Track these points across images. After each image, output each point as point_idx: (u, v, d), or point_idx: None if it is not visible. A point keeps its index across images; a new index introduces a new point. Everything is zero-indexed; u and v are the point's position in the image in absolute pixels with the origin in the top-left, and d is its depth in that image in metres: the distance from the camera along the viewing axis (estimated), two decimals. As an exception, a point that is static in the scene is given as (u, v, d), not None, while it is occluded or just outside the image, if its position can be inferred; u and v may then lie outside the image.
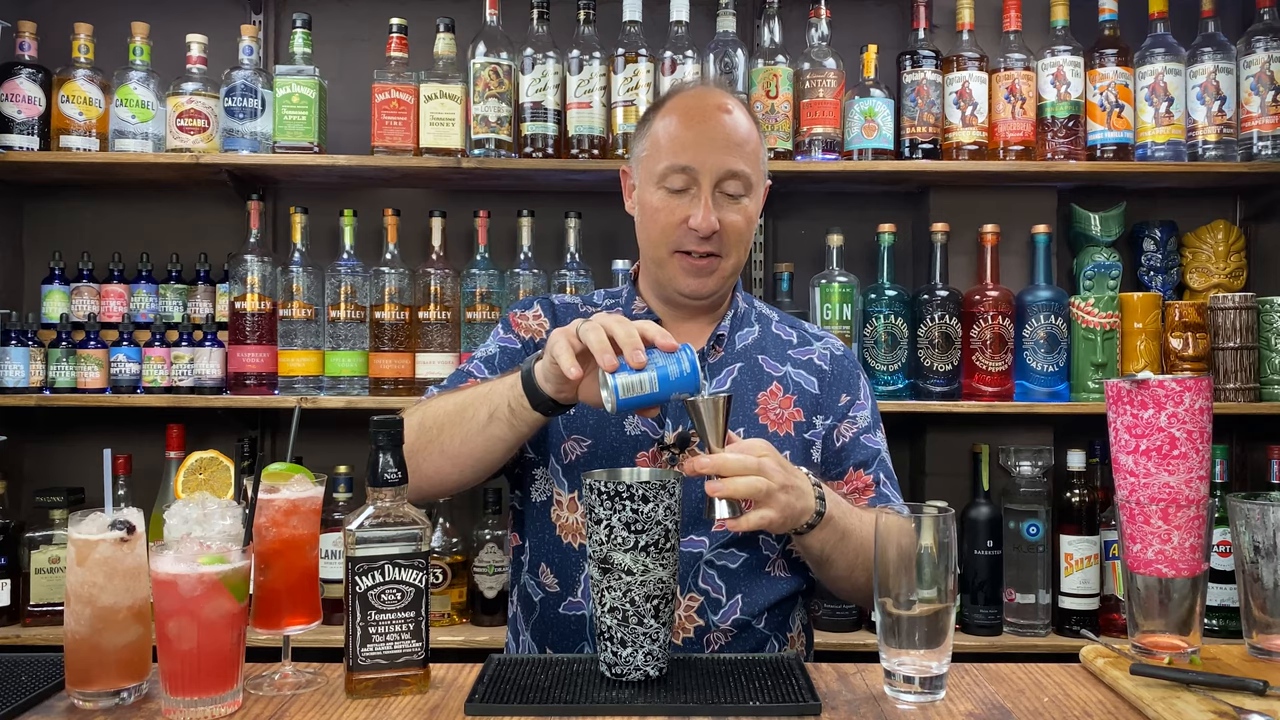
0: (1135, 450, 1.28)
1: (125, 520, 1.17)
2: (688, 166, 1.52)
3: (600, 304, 1.70)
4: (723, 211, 1.53)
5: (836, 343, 1.70)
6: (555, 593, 1.53)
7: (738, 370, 1.61)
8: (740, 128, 1.56)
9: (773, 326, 1.68)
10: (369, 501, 1.22)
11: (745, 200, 1.55)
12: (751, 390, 1.59)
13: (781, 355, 1.64)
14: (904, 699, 1.18)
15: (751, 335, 1.65)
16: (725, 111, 1.56)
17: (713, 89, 1.63)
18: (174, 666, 1.12)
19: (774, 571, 1.55)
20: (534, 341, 1.64)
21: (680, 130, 1.55)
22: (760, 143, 1.59)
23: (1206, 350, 2.50)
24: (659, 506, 1.19)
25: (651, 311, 1.64)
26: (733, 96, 1.60)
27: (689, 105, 1.57)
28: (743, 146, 1.55)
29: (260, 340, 2.49)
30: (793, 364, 1.64)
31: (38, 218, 2.78)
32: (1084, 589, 2.41)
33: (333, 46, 2.74)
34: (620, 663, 1.22)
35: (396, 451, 1.23)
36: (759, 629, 1.53)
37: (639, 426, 1.55)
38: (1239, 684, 1.16)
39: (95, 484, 2.26)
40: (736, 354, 1.62)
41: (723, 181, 1.53)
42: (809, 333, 1.70)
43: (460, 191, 2.75)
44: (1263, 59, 2.49)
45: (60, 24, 2.64)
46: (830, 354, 1.67)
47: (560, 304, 1.70)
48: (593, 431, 1.55)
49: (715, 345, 1.61)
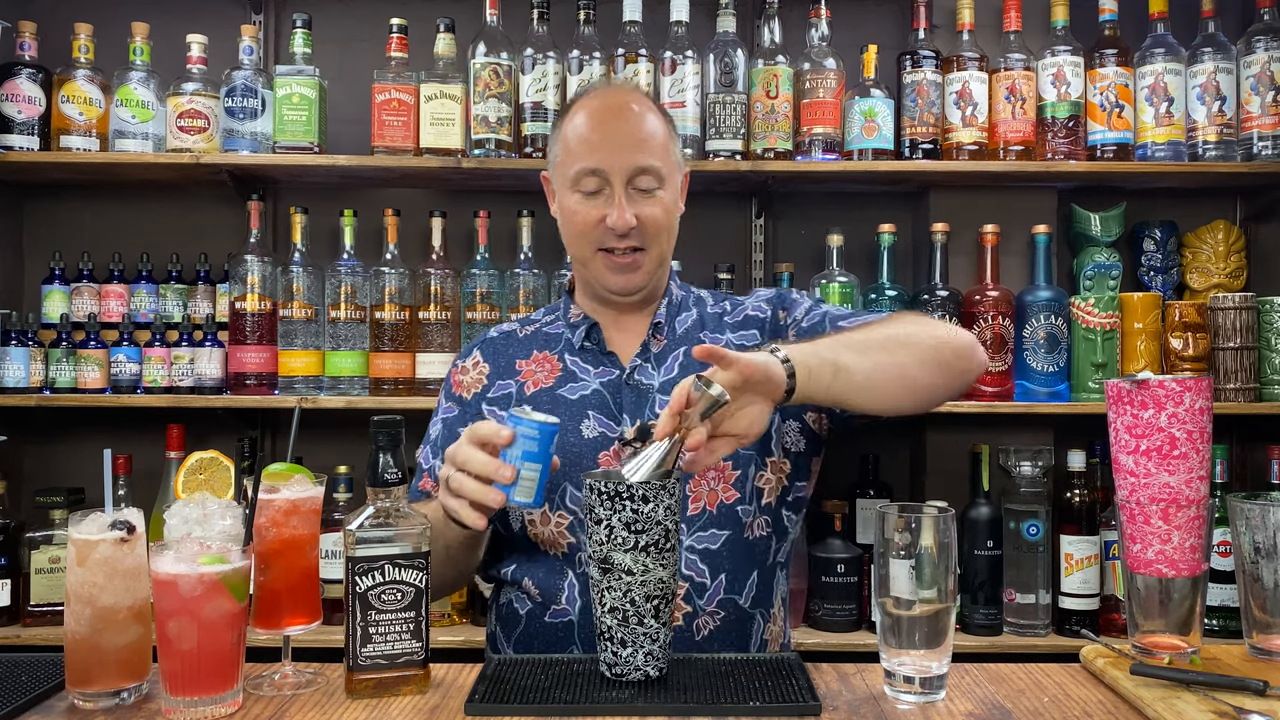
0: (1135, 450, 1.28)
1: (125, 520, 1.17)
2: (597, 169, 1.55)
3: (539, 319, 1.72)
4: (638, 206, 1.55)
5: (766, 291, 1.73)
6: (539, 603, 1.53)
7: (683, 354, 1.62)
8: (645, 123, 1.58)
9: (709, 307, 1.71)
10: (369, 501, 1.22)
11: (660, 192, 1.57)
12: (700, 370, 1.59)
13: (719, 326, 1.66)
14: (904, 699, 1.18)
15: (690, 318, 1.67)
16: (628, 109, 1.58)
17: (616, 88, 1.68)
18: (174, 666, 1.12)
19: (753, 534, 1.55)
20: (477, 397, 1.65)
21: (587, 133, 1.57)
22: (670, 134, 1.62)
23: (1206, 350, 2.50)
24: (659, 506, 1.19)
25: (588, 317, 1.65)
26: (636, 93, 1.65)
27: (593, 107, 1.59)
28: (649, 141, 1.57)
29: (260, 340, 2.49)
30: (731, 329, 1.66)
31: (38, 218, 2.78)
32: (1084, 589, 2.41)
33: (333, 46, 2.74)
34: (620, 663, 1.22)
35: (396, 451, 1.23)
36: (744, 606, 1.53)
37: (595, 428, 1.56)
38: (1239, 684, 1.16)
39: (95, 484, 2.26)
40: (679, 339, 1.64)
41: (634, 178, 1.55)
42: (740, 300, 1.73)
43: (460, 191, 2.75)
44: (1263, 59, 2.49)
45: (60, 24, 2.64)
46: (762, 300, 1.69)
47: (499, 335, 1.72)
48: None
49: (655, 335, 1.63)
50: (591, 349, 1.63)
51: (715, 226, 2.78)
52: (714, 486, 1.53)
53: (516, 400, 1.61)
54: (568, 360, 1.63)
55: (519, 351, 1.67)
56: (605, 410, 1.57)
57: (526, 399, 1.60)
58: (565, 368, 1.62)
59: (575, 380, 1.60)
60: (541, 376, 1.62)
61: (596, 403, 1.57)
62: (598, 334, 1.63)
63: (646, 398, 1.57)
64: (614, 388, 1.59)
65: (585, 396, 1.58)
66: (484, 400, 1.64)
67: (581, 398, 1.58)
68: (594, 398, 1.58)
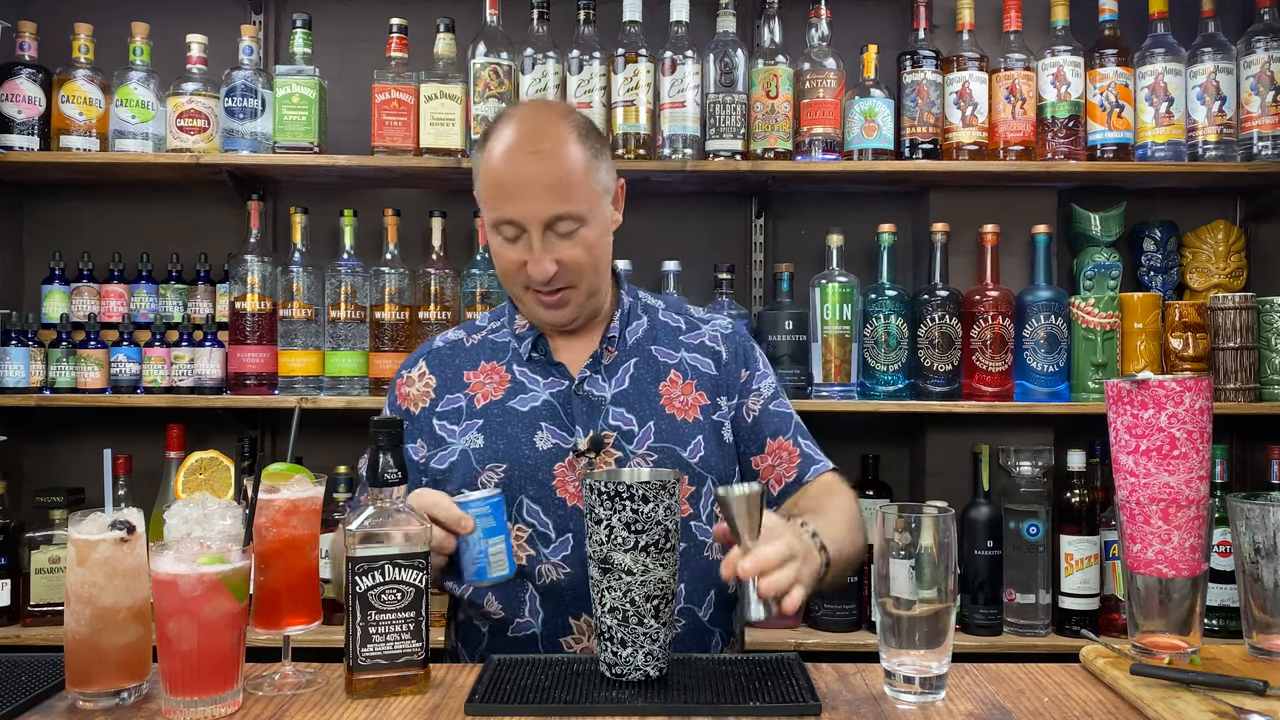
0: (1135, 450, 1.28)
1: (125, 520, 1.17)
2: (512, 219, 1.51)
3: (484, 326, 1.70)
4: (558, 250, 1.51)
5: (723, 322, 1.72)
6: (501, 619, 1.53)
7: (633, 365, 1.61)
8: (559, 163, 1.50)
9: (660, 315, 1.70)
10: (369, 501, 1.22)
11: (581, 231, 1.52)
12: (651, 382, 1.60)
13: (673, 342, 1.66)
14: (904, 699, 1.18)
15: (641, 328, 1.66)
16: (540, 149, 1.50)
17: (530, 113, 1.59)
18: (174, 666, 1.12)
19: (712, 554, 1.56)
20: (425, 411, 1.62)
21: (500, 179, 1.51)
22: (592, 161, 1.53)
23: (1206, 350, 2.49)
24: (659, 506, 1.19)
25: (533, 328, 1.63)
26: (552, 121, 1.54)
27: (503, 150, 1.51)
28: (563, 183, 1.49)
29: (260, 340, 2.49)
30: (686, 349, 1.65)
31: (38, 218, 2.78)
32: (1084, 589, 2.41)
33: (333, 46, 2.74)
34: (620, 663, 1.22)
35: (396, 451, 1.23)
36: (702, 620, 1.54)
37: (549, 440, 1.55)
38: (1239, 684, 1.16)
39: (95, 484, 2.26)
40: (630, 350, 1.63)
41: (551, 224, 1.50)
42: (695, 317, 1.72)
43: (460, 191, 2.75)
44: (1263, 59, 2.49)
45: (60, 24, 2.64)
46: (720, 334, 1.68)
47: (445, 345, 1.69)
48: (505, 455, 1.55)
49: (608, 347, 1.62)
50: (539, 360, 1.61)
51: (715, 226, 2.78)
52: None
53: (467, 413, 1.59)
54: (516, 371, 1.61)
55: (466, 362, 1.65)
56: (557, 421, 1.56)
57: (477, 412, 1.59)
58: (514, 379, 1.61)
59: (525, 391, 1.59)
60: (490, 389, 1.61)
61: (548, 414, 1.57)
62: (544, 345, 1.62)
63: (599, 409, 1.57)
64: (564, 398, 1.58)
65: (536, 408, 1.58)
66: (434, 415, 1.62)
67: (532, 409, 1.58)
68: (545, 409, 1.57)
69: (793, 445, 1.63)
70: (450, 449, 1.58)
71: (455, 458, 1.57)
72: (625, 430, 1.55)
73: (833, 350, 2.48)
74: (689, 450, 1.56)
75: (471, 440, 1.57)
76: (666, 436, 1.56)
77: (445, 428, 1.60)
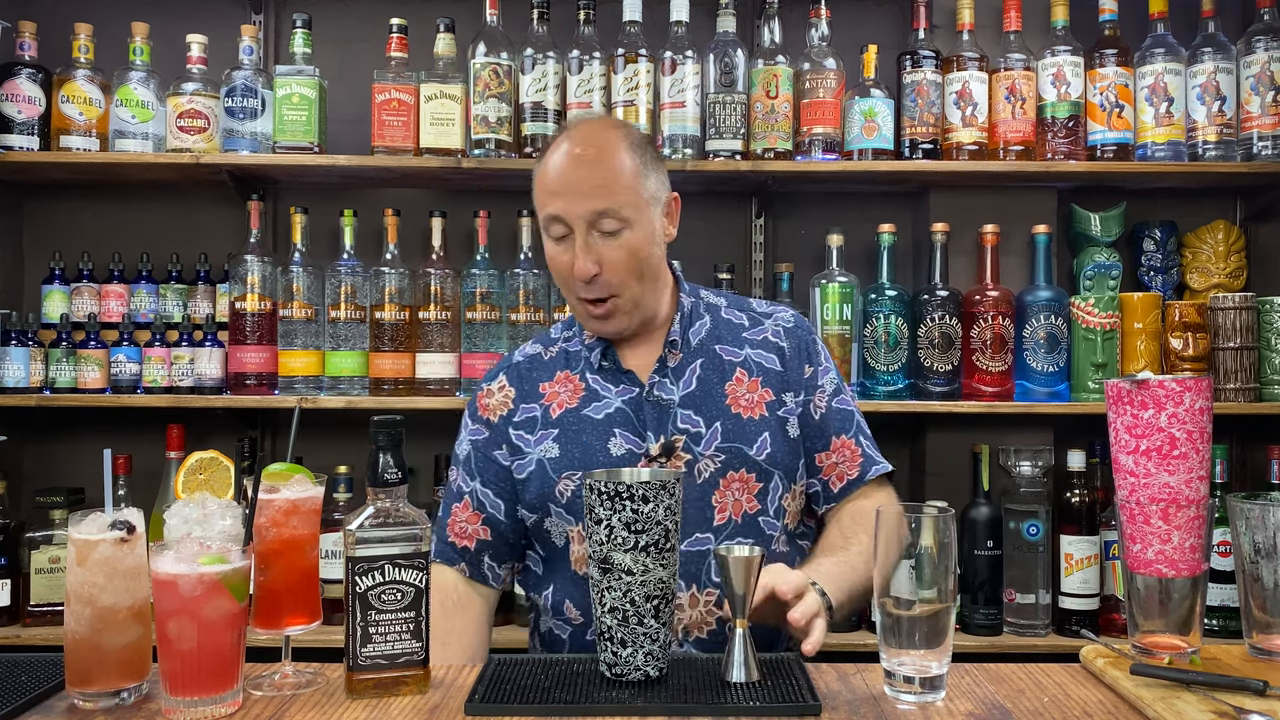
0: (1135, 450, 1.28)
1: (125, 520, 1.17)
2: (559, 216, 1.55)
3: (558, 337, 1.73)
4: (600, 251, 1.55)
5: (785, 315, 1.73)
6: (580, 624, 1.58)
7: (699, 366, 1.64)
8: (608, 164, 1.55)
9: (722, 313, 1.71)
10: (369, 501, 1.22)
11: (625, 233, 1.55)
12: (717, 382, 1.63)
13: (737, 340, 1.67)
14: (904, 699, 1.18)
15: (705, 328, 1.68)
16: (591, 151, 1.56)
17: (588, 127, 1.65)
18: (174, 666, 1.12)
19: (778, 548, 1.60)
20: (503, 420, 1.67)
21: (549, 180, 1.57)
22: (643, 169, 1.58)
23: (1206, 350, 2.49)
24: (659, 506, 1.19)
25: (601, 338, 1.66)
26: (608, 130, 1.62)
27: (560, 151, 1.58)
28: (611, 184, 1.54)
29: (260, 340, 2.49)
30: (750, 345, 1.67)
31: (38, 218, 2.78)
32: (1084, 589, 2.41)
33: (333, 46, 2.74)
34: (620, 663, 1.22)
35: (396, 451, 1.23)
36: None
37: (623, 446, 1.58)
38: (1239, 684, 1.16)
39: (95, 484, 2.26)
40: (694, 351, 1.65)
41: (595, 223, 1.54)
42: (757, 312, 1.73)
43: (460, 191, 2.75)
44: (1263, 59, 2.49)
45: (60, 24, 2.64)
46: (783, 328, 1.70)
47: (524, 360, 1.73)
48: (580, 463, 1.59)
49: (671, 350, 1.64)
50: (609, 368, 1.65)
51: (715, 226, 2.78)
52: (738, 497, 1.58)
53: (542, 423, 1.63)
54: (589, 379, 1.65)
55: (543, 374, 1.69)
56: (630, 427, 1.60)
57: (552, 421, 1.63)
58: (588, 387, 1.65)
59: (598, 399, 1.63)
60: (565, 397, 1.65)
61: (621, 420, 1.60)
62: (613, 353, 1.65)
63: (668, 413, 1.60)
64: (636, 405, 1.61)
65: (610, 415, 1.61)
66: (510, 425, 1.65)
67: (606, 416, 1.61)
68: (618, 415, 1.61)
69: (855, 444, 1.68)
70: (528, 459, 1.63)
71: (533, 467, 1.62)
72: (693, 433, 1.59)
73: (833, 350, 2.48)
74: (755, 448, 1.59)
75: (547, 450, 1.61)
76: (733, 436, 1.59)
77: (522, 437, 1.64)
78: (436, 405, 2.42)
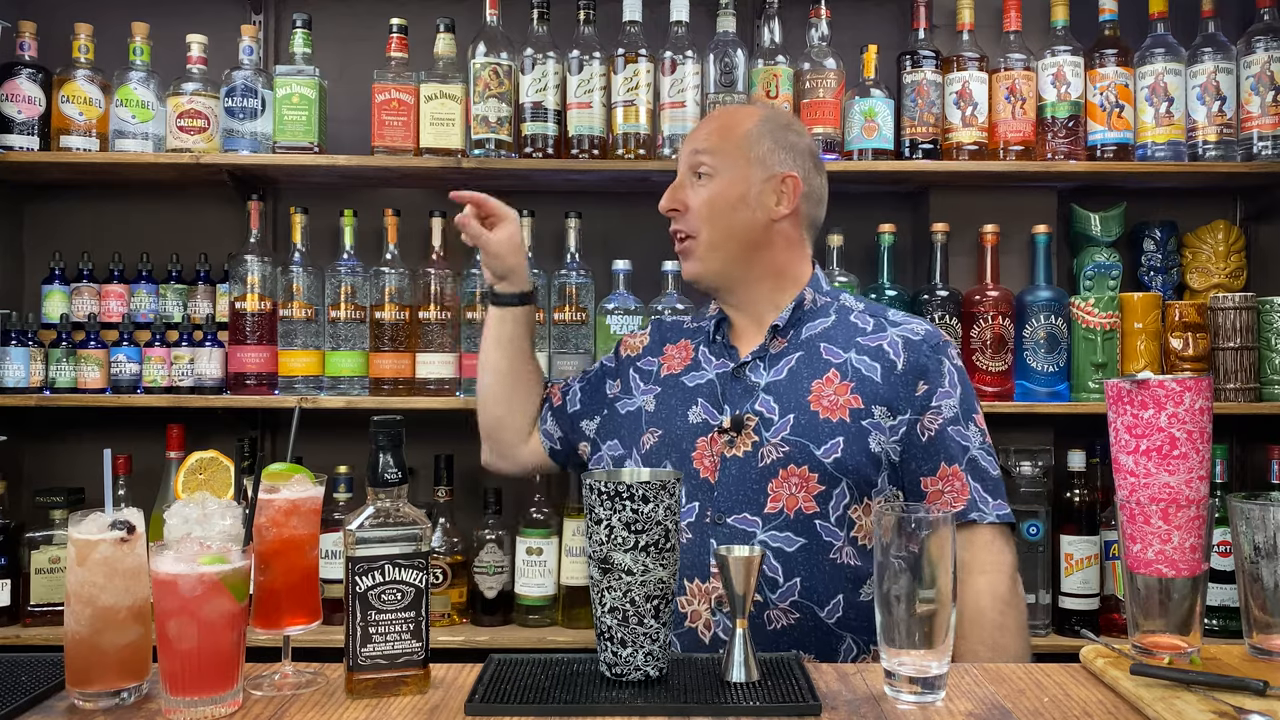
0: (1135, 450, 1.28)
1: (125, 520, 1.17)
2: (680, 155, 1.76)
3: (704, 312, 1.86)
4: (687, 190, 1.70)
5: (918, 327, 1.68)
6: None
7: (795, 360, 1.66)
8: (719, 121, 1.74)
9: (851, 316, 1.72)
10: (369, 501, 1.22)
11: (711, 181, 1.68)
12: (807, 378, 1.64)
13: (847, 342, 1.67)
14: (904, 699, 1.18)
15: (822, 325, 1.70)
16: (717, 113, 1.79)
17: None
18: (174, 666, 1.12)
19: (841, 559, 1.57)
20: (630, 357, 1.85)
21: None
22: (755, 130, 1.70)
23: (1206, 350, 2.49)
24: (659, 506, 1.19)
25: (721, 312, 1.78)
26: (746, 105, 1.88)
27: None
28: (717, 132, 1.71)
29: (260, 340, 2.49)
30: (857, 350, 1.65)
31: (38, 218, 2.78)
32: (1084, 589, 2.41)
33: (333, 46, 2.74)
34: (620, 663, 1.22)
35: (396, 451, 1.23)
36: (825, 620, 1.56)
37: (700, 415, 1.65)
38: (1239, 684, 1.16)
39: (95, 484, 2.25)
40: (799, 344, 1.69)
41: (694, 163, 1.70)
42: (888, 319, 1.71)
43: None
44: (1263, 59, 2.49)
45: (60, 24, 2.64)
46: (905, 339, 1.66)
47: (670, 319, 1.91)
48: (663, 423, 1.70)
49: (776, 337, 1.68)
50: (720, 343, 1.73)
51: (715, 226, 2.77)
52: (794, 492, 1.57)
53: (654, 377, 1.77)
54: (700, 351, 1.75)
55: (673, 337, 1.83)
56: (712, 399, 1.66)
57: (658, 379, 1.77)
58: (695, 357, 1.74)
59: (699, 369, 1.72)
60: (676, 362, 1.76)
61: (707, 392, 1.68)
62: (725, 330, 1.74)
63: (751, 393, 1.64)
64: (725, 380, 1.67)
65: (700, 385, 1.69)
66: (633, 366, 1.82)
67: (697, 386, 1.70)
68: (706, 387, 1.68)
69: (965, 481, 1.59)
70: (633, 400, 1.77)
71: (633, 408, 1.76)
72: (766, 418, 1.61)
73: (833, 350, 2.48)
74: (824, 449, 1.58)
75: (646, 403, 1.74)
76: (803, 431, 1.59)
77: (635, 382, 1.80)
78: (436, 405, 2.42)
